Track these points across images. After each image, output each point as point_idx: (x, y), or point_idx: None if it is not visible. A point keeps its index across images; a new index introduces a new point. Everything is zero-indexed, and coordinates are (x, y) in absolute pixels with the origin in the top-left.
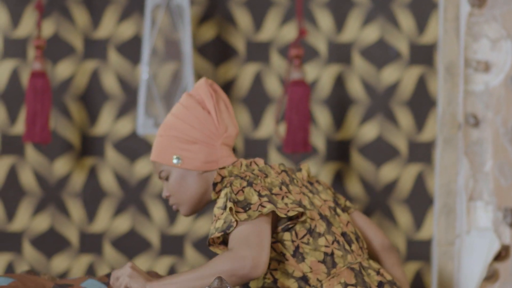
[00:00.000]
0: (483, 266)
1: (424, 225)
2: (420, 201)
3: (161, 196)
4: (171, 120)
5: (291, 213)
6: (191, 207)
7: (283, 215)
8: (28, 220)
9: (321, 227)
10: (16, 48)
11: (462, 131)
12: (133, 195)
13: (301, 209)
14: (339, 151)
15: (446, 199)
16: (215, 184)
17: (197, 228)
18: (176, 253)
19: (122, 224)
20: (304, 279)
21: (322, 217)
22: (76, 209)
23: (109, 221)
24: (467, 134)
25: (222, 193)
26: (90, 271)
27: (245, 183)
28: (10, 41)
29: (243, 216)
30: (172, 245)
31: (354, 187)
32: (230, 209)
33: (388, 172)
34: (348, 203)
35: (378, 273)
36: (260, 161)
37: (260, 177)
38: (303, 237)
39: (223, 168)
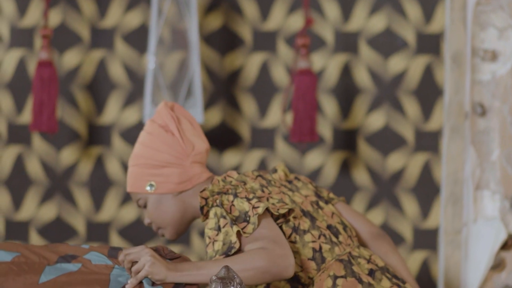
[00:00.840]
0: (489, 255)
1: (431, 214)
2: (427, 190)
3: None
4: (138, 149)
5: (281, 211)
6: (174, 229)
7: (275, 212)
8: (35, 209)
9: (305, 223)
10: (23, 38)
11: (469, 120)
12: None
13: (289, 206)
14: (346, 140)
15: (453, 188)
16: (201, 208)
17: None
18: (184, 242)
19: (129, 213)
20: (296, 278)
21: (305, 213)
22: (83, 198)
23: (116, 210)
24: (474, 123)
25: (211, 213)
26: None
27: (231, 197)
28: (17, 31)
29: (249, 229)
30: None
31: (361, 176)
32: (238, 232)
33: (395, 161)
34: (331, 195)
35: (368, 261)
36: (233, 173)
37: (239, 185)
38: (289, 236)
39: (203, 190)
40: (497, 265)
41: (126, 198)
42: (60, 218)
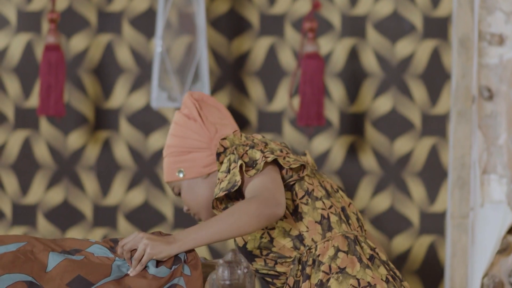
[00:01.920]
0: (496, 239)
1: (438, 198)
2: (434, 174)
3: None
4: (168, 140)
5: (294, 165)
6: (209, 211)
7: (286, 167)
8: (42, 193)
9: (319, 192)
10: (30, 22)
11: (476, 104)
12: (147, 168)
13: (303, 162)
14: (353, 124)
15: (460, 172)
16: (218, 154)
17: None
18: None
19: (136, 197)
20: (300, 238)
21: (322, 186)
22: (90, 182)
23: (123, 194)
24: (481, 107)
25: (225, 160)
26: None
27: (247, 148)
28: (24, 15)
29: (252, 172)
30: (187, 216)
31: (368, 160)
32: (241, 166)
33: (402, 145)
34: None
35: (372, 250)
36: (258, 135)
37: (260, 144)
38: (302, 197)
39: (224, 138)
40: (504, 249)
41: (134, 182)
42: (68, 202)
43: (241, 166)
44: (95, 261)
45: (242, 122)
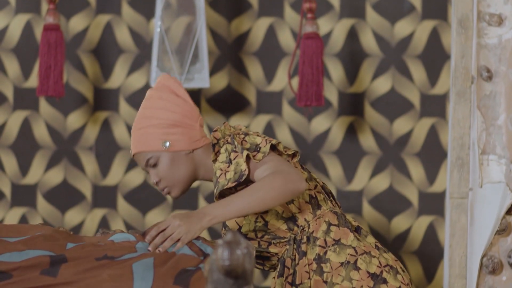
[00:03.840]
0: (495, 219)
1: (437, 178)
2: (433, 154)
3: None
4: (147, 113)
5: (289, 152)
6: (183, 187)
7: (284, 153)
8: (41, 173)
9: (303, 174)
10: (29, 2)
11: (475, 84)
12: None
13: (296, 150)
14: (352, 105)
15: (459, 153)
16: (213, 145)
17: None
18: (191, 207)
19: (136, 177)
20: (293, 219)
21: (304, 168)
22: (89, 163)
23: (122, 175)
24: (480, 87)
25: (222, 150)
26: (104, 224)
27: (242, 135)
28: None
29: (259, 155)
30: (187, 197)
31: (367, 140)
32: (247, 156)
33: (401, 125)
34: None
35: (356, 222)
36: (241, 126)
37: (248, 131)
38: None
39: (216, 130)
40: (503, 230)
41: (133, 163)
42: (67, 182)
43: (247, 156)
44: (117, 246)
45: (241, 102)
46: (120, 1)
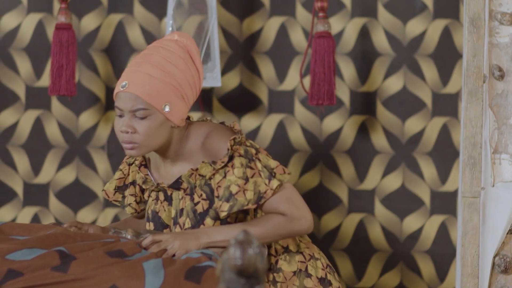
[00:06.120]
0: (508, 218)
1: (449, 177)
2: (445, 153)
3: None
4: (167, 66)
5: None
6: (147, 151)
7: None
8: (53, 173)
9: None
10: (41, 2)
11: (487, 83)
12: None
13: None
14: (364, 104)
15: (471, 152)
16: (230, 157)
17: None
18: None
19: None
20: None
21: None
22: (101, 162)
23: None
24: (492, 86)
25: (237, 163)
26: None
27: (253, 150)
28: None
29: (275, 183)
30: None
31: (379, 139)
32: (279, 183)
33: (413, 124)
34: None
35: None
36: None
37: (259, 147)
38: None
39: (233, 138)
40: None
41: None
42: (79, 181)
43: (280, 182)
44: (124, 242)
45: (253, 101)
46: (132, 0)
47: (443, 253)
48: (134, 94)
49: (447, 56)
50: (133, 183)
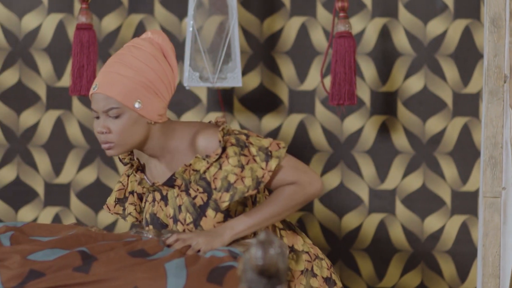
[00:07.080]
0: None
1: (470, 177)
2: (466, 153)
3: None
4: (135, 63)
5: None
6: (125, 150)
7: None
8: (74, 173)
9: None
10: (62, 2)
11: (508, 83)
12: None
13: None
14: (385, 104)
15: (492, 152)
16: (223, 149)
17: None
18: None
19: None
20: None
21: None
22: None
23: None
24: None
25: (230, 152)
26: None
27: (244, 136)
28: None
29: (273, 163)
30: None
31: (400, 139)
32: (278, 161)
33: (434, 124)
34: None
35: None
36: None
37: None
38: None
39: (222, 129)
40: None
41: None
42: (100, 181)
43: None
44: (146, 241)
45: (274, 101)
46: (153, 1)
47: (464, 253)
48: (104, 94)
49: (467, 56)
50: (132, 192)
